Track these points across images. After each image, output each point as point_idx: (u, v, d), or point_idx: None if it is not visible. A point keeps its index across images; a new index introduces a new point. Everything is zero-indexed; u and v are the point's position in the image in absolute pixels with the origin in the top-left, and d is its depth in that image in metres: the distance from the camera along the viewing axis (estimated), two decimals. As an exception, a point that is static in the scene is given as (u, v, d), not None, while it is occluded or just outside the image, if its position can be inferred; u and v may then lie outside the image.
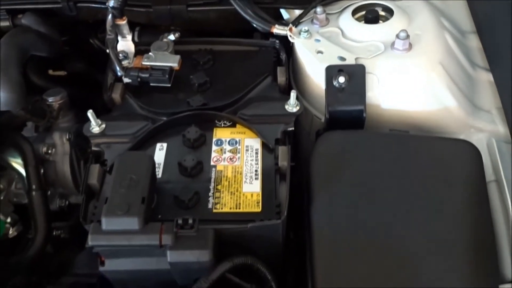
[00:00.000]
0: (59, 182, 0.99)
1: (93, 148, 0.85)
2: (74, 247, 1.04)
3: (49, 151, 0.96)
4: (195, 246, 0.70)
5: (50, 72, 1.20)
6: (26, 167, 0.91)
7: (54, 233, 1.03)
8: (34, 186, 0.91)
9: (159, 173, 0.81)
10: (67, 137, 0.99)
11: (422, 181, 0.81)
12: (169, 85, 0.92)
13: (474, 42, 1.04)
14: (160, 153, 0.84)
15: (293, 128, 0.86)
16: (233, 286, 0.77)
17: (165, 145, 0.85)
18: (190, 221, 0.71)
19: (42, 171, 0.95)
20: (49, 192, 0.98)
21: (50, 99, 0.98)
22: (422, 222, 0.78)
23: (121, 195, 0.70)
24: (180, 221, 0.71)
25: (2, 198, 0.92)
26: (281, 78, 0.95)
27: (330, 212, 0.80)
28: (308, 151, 0.87)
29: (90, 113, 0.84)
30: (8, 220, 0.93)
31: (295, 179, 0.84)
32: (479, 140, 0.91)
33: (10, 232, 0.93)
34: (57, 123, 1.00)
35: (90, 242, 0.70)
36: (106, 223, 0.69)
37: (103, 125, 0.87)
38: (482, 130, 0.92)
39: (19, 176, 0.95)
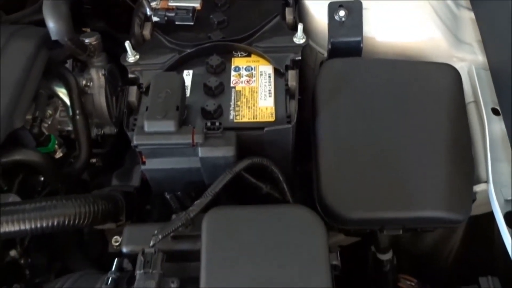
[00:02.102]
0: (96, 112, 1.14)
1: (130, 75, 1.00)
2: (107, 174, 1.20)
3: (88, 84, 1.11)
4: (221, 144, 0.85)
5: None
6: (70, 95, 1.06)
7: (90, 161, 1.18)
8: (77, 111, 1.06)
9: (187, 93, 0.96)
10: (102, 72, 1.13)
11: (410, 97, 0.96)
12: (192, 23, 1.05)
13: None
14: (187, 78, 0.99)
15: (300, 57, 1.00)
16: (250, 185, 0.93)
17: (191, 71, 1.00)
18: (217, 123, 0.86)
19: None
20: (88, 122, 1.13)
21: (87, 40, 1.12)
22: (410, 130, 0.93)
23: (159, 104, 0.85)
24: (208, 124, 0.86)
25: (50, 122, 1.07)
26: (289, 17, 1.08)
27: (332, 125, 0.95)
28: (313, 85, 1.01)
29: (127, 44, 0.99)
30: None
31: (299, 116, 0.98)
32: (461, 68, 1.05)
33: (57, 153, 1.08)
34: (92, 61, 1.14)
35: (135, 141, 0.85)
36: (148, 126, 0.84)
37: (137, 56, 1.01)
38: (464, 60, 1.06)
39: (63, 104, 1.10)
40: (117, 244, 0.94)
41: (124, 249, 0.84)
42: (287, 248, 0.76)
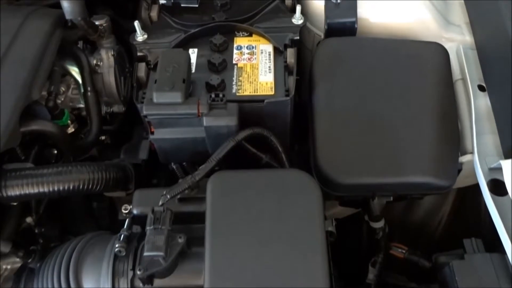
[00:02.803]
0: (105, 91, 1.20)
1: (138, 53, 1.06)
2: (116, 151, 1.26)
3: (98, 63, 1.17)
4: (224, 114, 0.92)
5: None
6: (82, 73, 1.13)
7: (99, 138, 1.25)
8: (89, 88, 1.12)
9: (192, 70, 1.02)
10: (112, 53, 1.19)
11: (401, 73, 1.02)
12: (197, 5, 1.12)
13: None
14: (192, 55, 1.05)
15: (298, 37, 1.07)
16: (250, 155, 0.99)
17: (195, 50, 1.07)
18: (220, 95, 0.93)
19: (93, 80, 1.17)
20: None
21: (97, 22, 1.18)
22: (400, 103, 1.00)
23: (167, 77, 0.92)
24: (212, 95, 0.92)
25: (63, 99, 1.14)
26: (288, 1, 1.15)
27: (327, 97, 1.02)
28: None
29: (136, 24, 1.05)
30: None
31: (297, 98, 1.04)
32: (450, 48, 1.11)
33: (70, 127, 1.14)
34: (102, 43, 1.21)
35: (145, 111, 0.91)
36: (157, 97, 0.91)
37: (145, 35, 1.08)
38: (453, 40, 1.13)
39: (75, 82, 1.16)
40: (127, 211, 1.01)
41: (135, 211, 0.91)
42: (286, 208, 0.83)
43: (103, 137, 1.27)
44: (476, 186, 0.99)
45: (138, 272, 0.78)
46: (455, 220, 1.21)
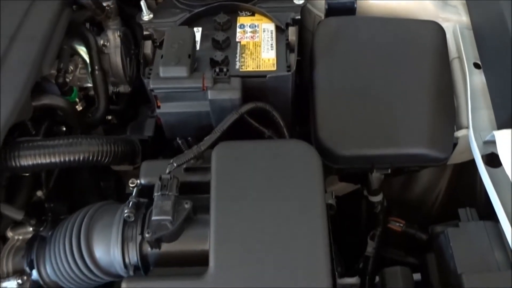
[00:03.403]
0: (112, 71, 1.24)
1: (144, 32, 1.10)
2: (121, 130, 1.30)
3: (105, 44, 1.21)
4: (228, 87, 0.95)
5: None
6: (90, 52, 1.17)
7: (106, 117, 1.28)
8: (96, 67, 1.16)
9: (196, 47, 1.06)
10: (118, 34, 1.23)
11: (399, 50, 1.06)
12: (201, -15, 1.16)
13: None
14: (196, 34, 1.08)
15: (299, 17, 1.10)
16: (253, 130, 1.03)
17: (200, 28, 1.10)
18: (224, 70, 0.96)
19: (99, 60, 1.20)
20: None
21: (104, 3, 1.21)
22: (398, 78, 1.03)
23: (173, 53, 0.95)
24: (217, 70, 0.96)
25: (71, 78, 1.17)
26: (290, -18, 1.19)
27: (328, 73, 1.05)
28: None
29: (142, 3, 1.09)
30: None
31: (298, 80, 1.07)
32: (446, 27, 1.14)
33: (78, 105, 1.18)
34: (109, 24, 1.24)
35: (152, 85, 0.95)
36: (163, 71, 0.95)
37: (151, 15, 1.11)
38: (449, 20, 1.16)
39: (83, 62, 1.20)
40: (134, 185, 1.04)
41: (142, 181, 0.94)
42: (287, 175, 0.86)
43: (109, 117, 1.30)
44: (472, 162, 1.03)
45: (147, 235, 0.82)
46: (451, 196, 1.24)
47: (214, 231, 0.83)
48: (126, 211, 0.86)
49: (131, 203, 0.88)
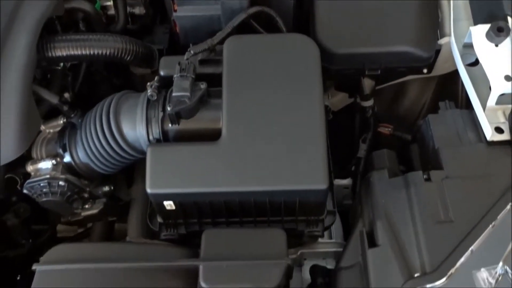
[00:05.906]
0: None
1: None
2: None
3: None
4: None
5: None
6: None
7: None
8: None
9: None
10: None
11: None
12: None
13: None
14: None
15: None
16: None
17: None
18: (234, -25, 1.09)
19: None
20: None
21: None
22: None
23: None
24: (228, -25, 1.09)
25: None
26: None
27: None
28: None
29: None
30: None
31: None
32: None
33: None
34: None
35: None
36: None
37: None
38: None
39: (103, -20, 1.32)
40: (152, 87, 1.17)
41: (162, 73, 1.06)
42: (290, 62, 1.00)
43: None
44: (455, 72, 1.16)
45: (168, 108, 0.95)
46: (436, 106, 1.38)
47: (226, 109, 0.96)
48: (149, 91, 0.99)
49: (153, 85, 1.01)
